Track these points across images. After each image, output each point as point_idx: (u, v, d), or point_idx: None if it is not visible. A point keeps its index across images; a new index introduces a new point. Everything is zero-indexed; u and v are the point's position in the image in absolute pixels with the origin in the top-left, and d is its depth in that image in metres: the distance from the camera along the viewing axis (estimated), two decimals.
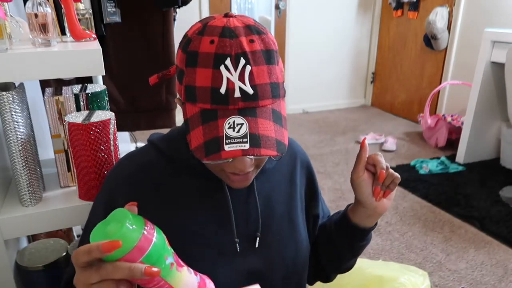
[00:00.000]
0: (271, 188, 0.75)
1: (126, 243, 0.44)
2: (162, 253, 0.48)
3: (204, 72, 0.54)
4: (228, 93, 0.53)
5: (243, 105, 0.54)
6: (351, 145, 3.35)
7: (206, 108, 0.55)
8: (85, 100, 0.93)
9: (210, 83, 0.54)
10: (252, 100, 0.55)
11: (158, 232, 0.49)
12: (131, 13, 1.67)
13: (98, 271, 0.45)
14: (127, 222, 0.45)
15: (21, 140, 0.81)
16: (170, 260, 0.49)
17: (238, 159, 0.57)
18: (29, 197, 0.85)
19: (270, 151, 0.53)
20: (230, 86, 0.53)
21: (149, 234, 0.46)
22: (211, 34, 0.55)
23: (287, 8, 3.95)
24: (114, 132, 0.88)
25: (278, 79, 0.58)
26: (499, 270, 1.82)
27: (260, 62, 0.55)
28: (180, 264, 0.52)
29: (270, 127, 0.55)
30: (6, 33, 0.76)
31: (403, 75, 4.12)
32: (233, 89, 0.53)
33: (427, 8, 3.66)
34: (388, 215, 2.27)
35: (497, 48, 2.58)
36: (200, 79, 0.54)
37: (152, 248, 0.46)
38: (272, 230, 0.74)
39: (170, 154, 0.69)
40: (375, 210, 0.72)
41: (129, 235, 0.45)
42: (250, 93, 0.54)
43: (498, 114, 2.85)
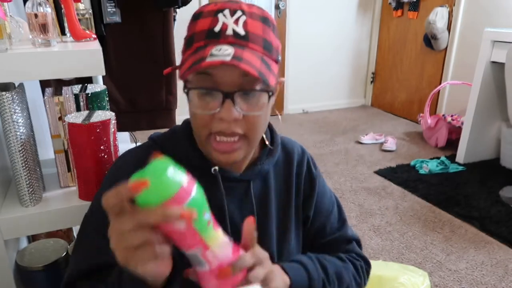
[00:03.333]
0: (267, 192, 0.75)
1: (164, 191, 0.42)
2: (201, 208, 0.46)
3: (204, 21, 0.61)
4: (220, 31, 0.59)
5: (233, 41, 0.59)
6: (351, 145, 3.35)
7: (199, 45, 0.59)
8: (85, 100, 0.93)
9: (207, 26, 0.60)
10: (242, 39, 0.59)
11: (198, 187, 0.46)
12: (131, 13, 1.67)
13: (131, 216, 0.43)
14: (167, 170, 0.43)
15: (21, 140, 0.81)
16: (208, 217, 0.47)
17: (224, 107, 0.59)
18: (29, 197, 0.85)
19: (251, 69, 0.56)
20: (223, 27, 0.59)
21: (189, 185, 0.44)
22: (216, 2, 0.62)
23: (287, 8, 3.95)
24: (114, 132, 0.88)
25: (272, 40, 0.62)
26: (499, 270, 1.82)
27: (255, 18, 0.61)
28: (217, 224, 0.50)
29: (256, 60, 0.58)
30: (6, 33, 0.76)
31: (403, 75, 4.12)
32: (226, 29, 0.59)
33: (427, 8, 3.66)
34: (388, 215, 2.27)
35: (497, 48, 2.58)
36: (199, 26, 0.61)
37: (191, 200, 0.44)
38: (266, 234, 0.74)
39: (169, 149, 0.69)
40: None
41: (168, 182, 0.42)
42: (241, 34, 0.59)
43: (498, 114, 2.85)
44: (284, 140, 0.81)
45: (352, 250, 0.84)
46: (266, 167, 0.74)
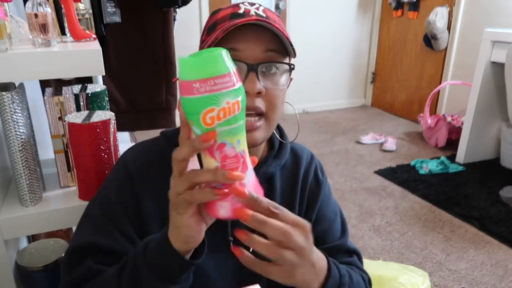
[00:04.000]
0: (272, 195, 0.75)
1: (219, 68, 0.42)
2: (243, 108, 0.45)
3: (225, 10, 0.65)
4: (244, 13, 0.63)
5: (257, 19, 0.61)
6: (351, 145, 3.35)
7: (223, 25, 0.62)
8: (85, 100, 0.93)
9: (230, 11, 0.64)
10: (264, 19, 0.62)
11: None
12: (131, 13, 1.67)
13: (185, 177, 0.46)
14: (224, 53, 0.43)
15: (21, 140, 0.81)
16: (243, 123, 0.46)
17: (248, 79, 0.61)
18: (29, 197, 0.85)
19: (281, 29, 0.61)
20: (246, 10, 0.64)
21: (238, 77, 0.44)
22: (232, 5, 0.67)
23: (287, 8, 3.95)
24: (114, 132, 0.88)
25: (286, 32, 0.65)
26: (499, 270, 1.82)
27: (271, 11, 0.67)
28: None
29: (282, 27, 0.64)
30: (6, 33, 0.76)
31: (403, 75, 4.12)
32: (249, 12, 0.64)
33: (427, 8, 3.66)
34: (388, 215, 2.27)
35: (497, 48, 2.58)
36: (221, 14, 0.65)
37: (239, 89, 0.43)
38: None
39: (175, 141, 0.69)
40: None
41: (223, 62, 0.42)
42: (263, 15, 0.64)
43: (498, 114, 2.85)
44: (294, 145, 0.82)
45: (353, 263, 0.79)
46: (271, 169, 0.74)
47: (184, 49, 1.35)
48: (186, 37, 3.35)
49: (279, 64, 0.64)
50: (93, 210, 0.69)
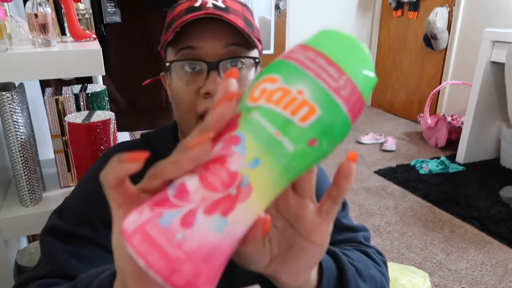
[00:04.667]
0: None
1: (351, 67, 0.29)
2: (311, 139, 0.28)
3: (181, 5, 0.59)
4: (200, 5, 0.57)
5: (215, 12, 0.56)
6: (351, 145, 3.35)
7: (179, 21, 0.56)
8: (85, 100, 0.93)
9: (186, 6, 0.58)
10: (223, 11, 0.57)
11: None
12: (131, 13, 1.67)
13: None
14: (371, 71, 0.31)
15: (21, 140, 0.81)
16: None
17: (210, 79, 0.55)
18: (29, 197, 0.85)
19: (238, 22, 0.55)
20: (203, 3, 0.58)
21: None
22: None
23: (287, 8, 3.95)
24: (114, 132, 0.88)
25: (253, 22, 0.61)
26: (499, 270, 1.82)
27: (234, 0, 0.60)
28: None
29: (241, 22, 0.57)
30: (6, 33, 0.76)
31: (403, 75, 4.12)
32: (206, 4, 0.57)
33: (427, 8, 3.65)
34: (388, 215, 2.27)
35: (497, 48, 2.58)
36: (178, 9, 0.59)
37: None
38: None
39: (157, 146, 0.67)
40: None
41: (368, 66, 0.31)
42: (222, 6, 0.58)
43: (498, 114, 2.85)
44: None
45: (354, 239, 0.67)
46: None
47: None
48: None
49: (244, 59, 0.58)
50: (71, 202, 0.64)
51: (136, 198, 0.29)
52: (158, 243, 0.24)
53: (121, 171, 0.28)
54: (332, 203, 0.34)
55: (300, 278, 0.37)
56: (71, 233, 0.59)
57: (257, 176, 0.26)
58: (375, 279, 0.56)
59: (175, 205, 0.25)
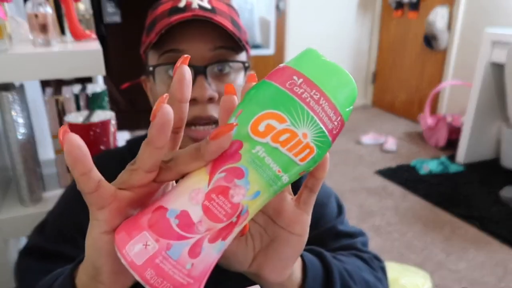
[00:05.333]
0: None
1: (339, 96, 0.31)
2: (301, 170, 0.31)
3: (164, 5, 0.56)
4: (185, 6, 0.54)
5: (200, 14, 0.53)
6: (351, 145, 3.35)
7: (163, 23, 0.53)
8: (85, 100, 0.93)
9: (169, 6, 0.55)
10: (209, 12, 0.54)
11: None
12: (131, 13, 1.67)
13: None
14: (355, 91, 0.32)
15: (21, 140, 0.81)
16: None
17: (196, 84, 0.52)
18: (29, 197, 0.85)
19: (227, 24, 0.52)
20: (187, 3, 0.54)
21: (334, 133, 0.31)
22: None
23: (287, 8, 3.94)
24: (114, 132, 0.88)
25: (239, 23, 0.58)
26: (499, 270, 1.82)
27: (220, 0, 0.58)
28: None
29: (229, 24, 0.54)
30: (6, 33, 0.76)
31: (403, 75, 4.12)
32: (191, 4, 0.54)
33: (427, 8, 3.65)
34: (388, 215, 2.27)
35: (497, 48, 2.58)
36: (160, 9, 0.56)
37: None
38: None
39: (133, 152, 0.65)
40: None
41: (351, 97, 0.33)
42: (208, 7, 0.55)
43: (498, 114, 2.85)
44: None
45: (351, 245, 0.66)
46: None
47: None
48: None
49: (232, 63, 0.55)
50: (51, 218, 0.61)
51: (114, 197, 0.29)
52: (171, 276, 0.26)
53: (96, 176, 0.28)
54: (309, 193, 0.36)
55: (284, 272, 0.37)
56: (50, 251, 0.56)
57: (255, 204, 0.29)
58: (368, 283, 0.55)
59: (182, 236, 0.27)
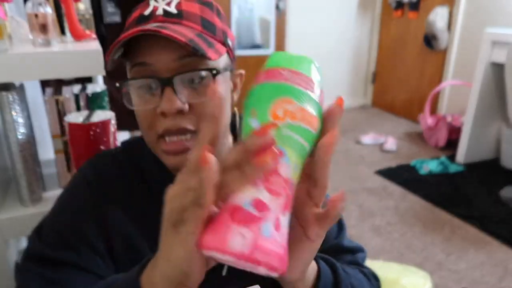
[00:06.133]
0: None
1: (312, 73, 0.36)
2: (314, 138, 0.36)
3: (135, 12, 0.55)
4: (151, 13, 0.53)
5: (163, 19, 0.51)
6: (351, 145, 3.35)
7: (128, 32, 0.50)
8: (85, 100, 0.93)
9: (137, 14, 0.54)
10: (175, 17, 0.52)
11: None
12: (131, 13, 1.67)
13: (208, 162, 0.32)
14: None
15: (21, 140, 0.81)
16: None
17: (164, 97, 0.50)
18: (29, 197, 0.85)
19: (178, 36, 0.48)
20: (153, 10, 0.53)
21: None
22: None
23: (287, 8, 3.94)
24: (114, 132, 0.88)
25: (215, 22, 0.55)
26: (499, 270, 1.82)
27: (192, 1, 0.54)
28: None
29: (189, 33, 0.51)
30: (6, 33, 0.76)
31: (403, 75, 4.12)
32: (156, 10, 0.52)
33: (427, 8, 3.65)
34: (388, 215, 2.27)
35: (497, 48, 2.58)
36: (133, 16, 0.55)
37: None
38: None
39: (134, 158, 0.63)
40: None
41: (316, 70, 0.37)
42: (173, 12, 0.52)
43: (498, 114, 2.85)
44: None
45: (353, 262, 0.68)
46: None
47: None
48: None
49: (202, 71, 0.52)
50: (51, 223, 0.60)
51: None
52: (273, 250, 0.32)
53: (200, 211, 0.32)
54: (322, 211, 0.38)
55: (303, 272, 0.42)
56: (52, 259, 0.55)
57: (296, 175, 0.34)
58: None
59: (263, 218, 0.32)
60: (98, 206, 0.58)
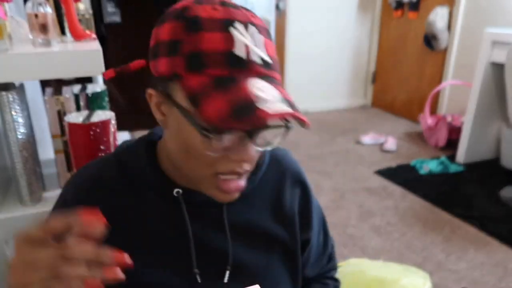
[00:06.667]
0: (251, 217, 0.64)
1: None
2: None
3: (212, 35, 0.47)
4: (247, 56, 0.47)
5: (262, 72, 0.48)
6: (351, 145, 3.35)
7: (220, 74, 0.46)
8: (85, 100, 0.93)
9: (222, 46, 0.46)
10: (271, 69, 0.49)
11: None
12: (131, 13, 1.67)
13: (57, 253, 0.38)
14: None
15: (21, 140, 0.81)
16: None
17: (246, 148, 0.50)
18: (29, 197, 0.85)
19: (305, 118, 0.48)
20: (247, 50, 0.47)
21: None
22: (211, 3, 0.49)
23: (287, 8, 3.95)
24: (114, 132, 0.88)
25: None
26: (499, 270, 1.82)
27: (266, 36, 0.51)
28: None
29: (292, 99, 0.50)
30: (6, 33, 0.76)
31: (403, 75, 4.12)
32: (249, 53, 0.47)
33: (427, 8, 3.65)
34: (388, 215, 2.27)
35: (497, 48, 2.58)
36: (208, 42, 0.46)
37: None
38: (249, 265, 0.63)
39: (127, 164, 0.61)
40: None
41: None
42: (270, 63, 0.49)
43: (498, 114, 2.85)
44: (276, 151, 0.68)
45: (331, 268, 0.80)
46: (249, 186, 0.59)
47: None
48: None
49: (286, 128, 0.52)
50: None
51: None
52: None
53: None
54: None
55: None
56: None
57: None
58: None
59: None
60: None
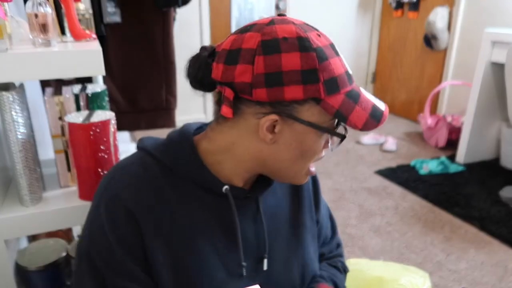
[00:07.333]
0: (276, 204, 0.72)
1: None
2: None
3: (335, 61, 0.59)
4: (350, 73, 0.62)
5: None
6: (351, 145, 3.35)
7: (348, 90, 0.60)
8: (85, 100, 0.93)
9: (343, 67, 0.60)
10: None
11: None
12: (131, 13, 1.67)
13: None
14: None
15: (21, 140, 0.81)
16: None
17: (336, 143, 0.64)
18: (29, 197, 0.85)
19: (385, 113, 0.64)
20: (346, 69, 0.62)
21: None
22: (309, 30, 0.60)
23: (287, 8, 3.95)
24: (114, 132, 0.88)
25: None
26: (499, 270, 1.82)
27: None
28: None
29: None
30: (6, 33, 0.76)
31: (403, 75, 4.12)
32: (347, 69, 0.62)
33: (427, 8, 3.65)
34: (388, 215, 2.27)
35: (497, 48, 2.58)
36: (336, 68, 0.59)
37: None
38: (278, 250, 0.70)
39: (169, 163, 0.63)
40: None
41: None
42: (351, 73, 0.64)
43: (498, 114, 2.85)
44: None
45: (340, 254, 0.88)
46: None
47: (184, 49, 1.35)
48: (186, 37, 3.34)
49: None
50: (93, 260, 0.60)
51: None
52: None
53: None
54: None
55: None
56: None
57: None
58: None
59: None
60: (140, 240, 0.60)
